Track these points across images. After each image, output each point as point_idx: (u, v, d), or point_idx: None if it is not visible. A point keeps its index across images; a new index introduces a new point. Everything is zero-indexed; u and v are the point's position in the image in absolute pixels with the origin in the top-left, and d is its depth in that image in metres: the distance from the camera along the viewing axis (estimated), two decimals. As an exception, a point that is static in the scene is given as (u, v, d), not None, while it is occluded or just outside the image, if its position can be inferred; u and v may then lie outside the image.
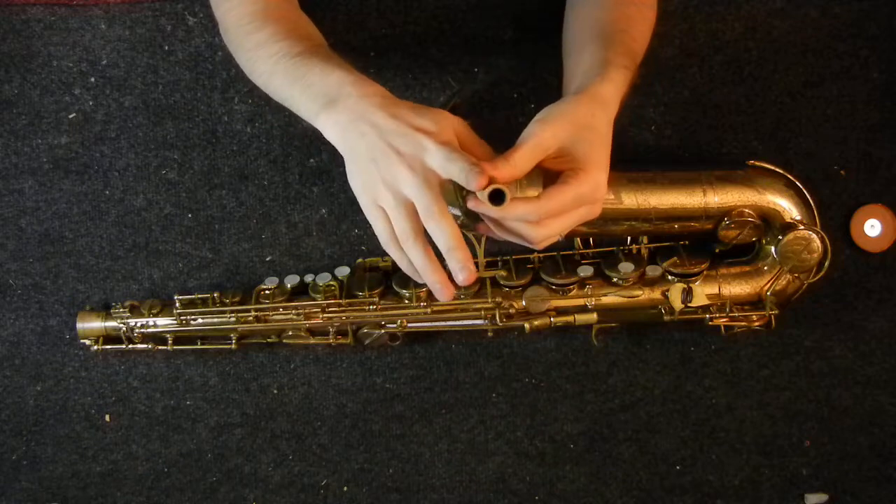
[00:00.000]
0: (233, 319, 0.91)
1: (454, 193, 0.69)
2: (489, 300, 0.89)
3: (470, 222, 0.73)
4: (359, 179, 0.68)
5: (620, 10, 0.79)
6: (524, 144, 0.67)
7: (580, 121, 0.68)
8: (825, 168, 0.94)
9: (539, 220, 0.68)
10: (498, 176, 0.65)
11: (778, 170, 0.88)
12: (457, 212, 0.75)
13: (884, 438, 0.97)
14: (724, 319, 0.89)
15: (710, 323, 0.89)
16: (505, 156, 0.66)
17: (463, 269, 0.67)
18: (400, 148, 0.66)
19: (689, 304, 0.88)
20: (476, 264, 0.88)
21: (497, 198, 0.64)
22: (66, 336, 0.96)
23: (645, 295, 0.89)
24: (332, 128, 0.69)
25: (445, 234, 0.66)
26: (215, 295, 0.92)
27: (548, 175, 0.70)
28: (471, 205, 0.67)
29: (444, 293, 0.70)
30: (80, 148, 0.94)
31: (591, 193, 0.68)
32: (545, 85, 0.93)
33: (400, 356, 0.96)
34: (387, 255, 0.92)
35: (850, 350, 0.96)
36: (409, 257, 0.69)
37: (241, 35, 0.77)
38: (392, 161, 0.66)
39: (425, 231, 0.67)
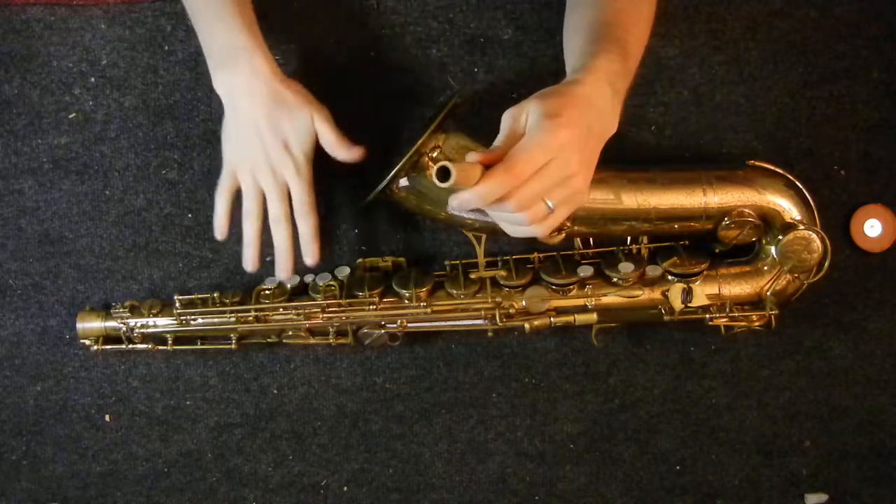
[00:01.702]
0: (233, 319, 0.91)
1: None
2: (489, 300, 0.89)
3: (486, 224, 0.75)
4: (239, 146, 0.82)
5: (611, 6, 0.79)
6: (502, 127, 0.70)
7: (545, 91, 0.71)
8: (825, 168, 0.94)
9: (517, 188, 0.67)
10: (488, 160, 0.67)
11: (778, 170, 0.88)
12: (471, 216, 0.82)
13: (884, 438, 0.97)
14: (724, 319, 0.89)
15: (710, 323, 0.89)
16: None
17: (313, 256, 0.85)
18: (272, 159, 0.81)
19: (689, 304, 0.88)
20: (476, 264, 0.89)
21: (443, 175, 0.63)
22: (66, 336, 0.96)
23: (645, 295, 0.89)
24: (221, 88, 0.81)
25: (311, 224, 0.84)
26: (215, 295, 0.92)
27: None
28: (451, 207, 0.69)
29: (287, 270, 0.85)
30: (80, 148, 0.94)
31: (550, 141, 0.67)
32: (545, 85, 0.92)
33: (400, 356, 0.96)
34: (387, 256, 0.93)
35: (850, 350, 0.96)
36: (277, 234, 0.83)
37: None
38: (266, 168, 0.81)
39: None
